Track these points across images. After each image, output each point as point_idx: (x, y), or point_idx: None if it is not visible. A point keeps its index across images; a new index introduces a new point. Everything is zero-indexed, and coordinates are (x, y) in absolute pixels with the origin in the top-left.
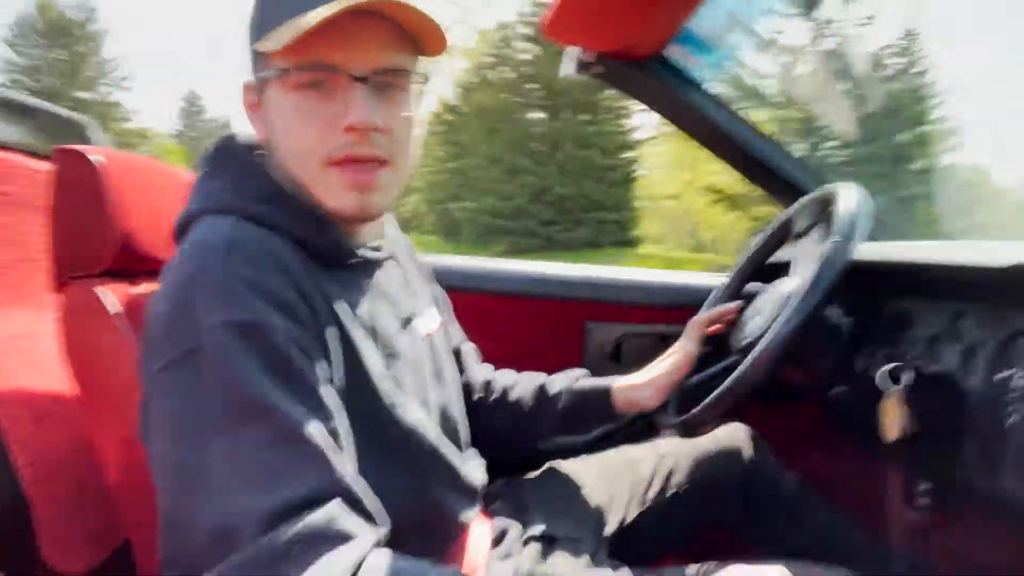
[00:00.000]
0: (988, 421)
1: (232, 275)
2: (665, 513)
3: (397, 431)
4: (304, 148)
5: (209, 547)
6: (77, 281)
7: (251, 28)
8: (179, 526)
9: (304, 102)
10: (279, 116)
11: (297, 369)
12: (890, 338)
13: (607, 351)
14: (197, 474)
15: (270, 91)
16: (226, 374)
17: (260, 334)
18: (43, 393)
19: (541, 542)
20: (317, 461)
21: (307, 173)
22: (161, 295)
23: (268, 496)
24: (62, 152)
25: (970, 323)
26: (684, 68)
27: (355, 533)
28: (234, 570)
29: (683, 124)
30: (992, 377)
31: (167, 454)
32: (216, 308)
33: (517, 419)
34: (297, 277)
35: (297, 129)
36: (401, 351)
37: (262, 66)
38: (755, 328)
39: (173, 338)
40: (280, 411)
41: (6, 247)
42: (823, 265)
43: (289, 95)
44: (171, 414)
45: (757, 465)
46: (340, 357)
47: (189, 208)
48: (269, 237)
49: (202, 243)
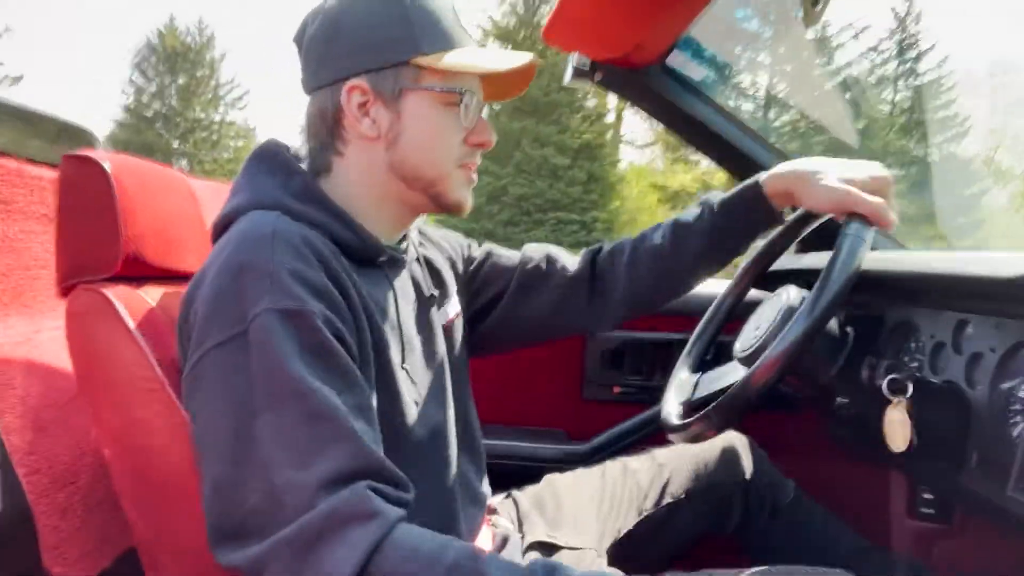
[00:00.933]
0: (992, 431)
1: (278, 264)
2: (664, 522)
3: (417, 432)
4: (446, 152)
5: (254, 516)
6: (85, 286)
7: (393, 40)
8: (226, 494)
9: (449, 115)
10: (425, 123)
11: (334, 353)
12: (893, 348)
13: (608, 358)
14: (243, 447)
15: (413, 100)
16: (270, 356)
17: (302, 320)
18: (44, 401)
19: (542, 549)
20: (347, 438)
21: (444, 171)
22: (211, 279)
23: (304, 472)
24: (70, 158)
25: (974, 333)
26: (684, 74)
27: (380, 510)
28: (271, 549)
29: (683, 131)
30: (997, 387)
31: (217, 428)
32: (263, 295)
33: (657, 265)
34: (334, 270)
35: (446, 136)
36: (419, 348)
37: (410, 78)
38: (758, 336)
39: (223, 320)
40: (316, 392)
41: (6, 254)
42: (830, 274)
43: (437, 107)
44: (220, 391)
45: (755, 473)
46: (369, 347)
47: (238, 201)
48: (310, 232)
49: (251, 234)
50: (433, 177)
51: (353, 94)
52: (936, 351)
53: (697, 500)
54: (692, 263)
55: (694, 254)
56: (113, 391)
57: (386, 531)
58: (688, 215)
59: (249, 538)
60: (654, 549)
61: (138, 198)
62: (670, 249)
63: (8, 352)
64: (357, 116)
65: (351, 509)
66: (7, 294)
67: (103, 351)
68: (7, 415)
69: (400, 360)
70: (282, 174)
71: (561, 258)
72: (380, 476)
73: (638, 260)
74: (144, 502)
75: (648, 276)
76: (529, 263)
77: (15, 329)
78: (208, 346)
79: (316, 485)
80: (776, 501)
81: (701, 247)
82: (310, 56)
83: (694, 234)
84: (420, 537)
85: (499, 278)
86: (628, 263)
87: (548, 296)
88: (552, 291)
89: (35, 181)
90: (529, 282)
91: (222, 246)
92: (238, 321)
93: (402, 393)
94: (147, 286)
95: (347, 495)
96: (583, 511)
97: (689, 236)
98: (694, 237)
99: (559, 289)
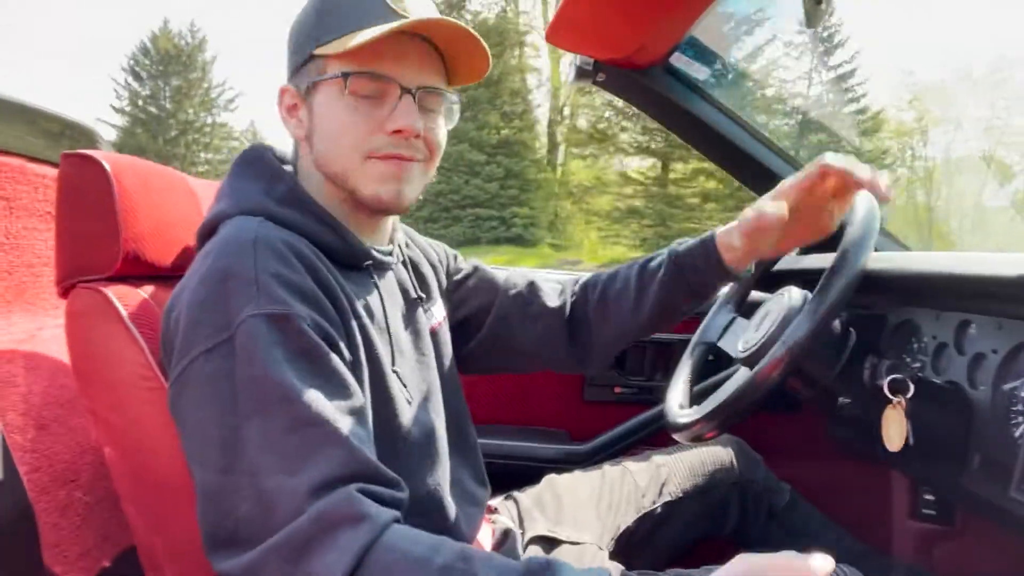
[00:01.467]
0: (995, 432)
1: (262, 270)
2: (663, 521)
3: (410, 434)
4: (351, 144)
5: (247, 524)
6: (84, 285)
7: (304, 36)
8: (217, 502)
9: (358, 105)
10: (329, 115)
11: (321, 356)
12: (895, 348)
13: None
14: (233, 455)
15: (320, 93)
16: (256, 362)
17: (288, 324)
18: (46, 399)
19: (543, 543)
20: (337, 443)
21: (350, 164)
22: (194, 286)
23: (294, 478)
24: (70, 157)
25: (976, 334)
26: (687, 76)
27: (369, 512)
28: (262, 556)
29: (686, 133)
30: (999, 388)
31: (206, 436)
32: (247, 300)
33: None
34: (321, 273)
35: (347, 126)
36: (408, 350)
37: (315, 72)
38: (760, 337)
39: (208, 327)
40: (304, 396)
41: (9, 252)
42: (834, 275)
43: (344, 98)
44: (208, 398)
45: (751, 476)
46: (361, 351)
47: (222, 207)
48: (293, 237)
49: (233, 240)
50: (343, 172)
51: (284, 97)
52: (938, 352)
53: (694, 500)
54: (652, 311)
55: (654, 302)
56: (113, 391)
57: (376, 534)
58: (653, 261)
59: (242, 545)
60: (653, 547)
61: (138, 197)
62: (634, 294)
63: (11, 349)
64: (286, 118)
65: (340, 513)
66: (10, 291)
67: (103, 350)
68: (9, 413)
69: (391, 363)
70: (267, 179)
71: (543, 287)
72: (371, 478)
73: (607, 301)
74: (143, 502)
75: (614, 319)
76: (512, 288)
77: (18, 326)
78: (194, 354)
79: (305, 491)
80: (772, 504)
81: (659, 295)
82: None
83: (654, 280)
84: (412, 539)
85: (482, 295)
86: (598, 305)
87: (530, 326)
88: (533, 321)
89: (38, 179)
90: (509, 312)
91: (205, 253)
92: (223, 328)
93: (394, 396)
94: (147, 285)
95: (335, 499)
96: (583, 508)
97: (650, 282)
98: (654, 284)
99: (539, 321)
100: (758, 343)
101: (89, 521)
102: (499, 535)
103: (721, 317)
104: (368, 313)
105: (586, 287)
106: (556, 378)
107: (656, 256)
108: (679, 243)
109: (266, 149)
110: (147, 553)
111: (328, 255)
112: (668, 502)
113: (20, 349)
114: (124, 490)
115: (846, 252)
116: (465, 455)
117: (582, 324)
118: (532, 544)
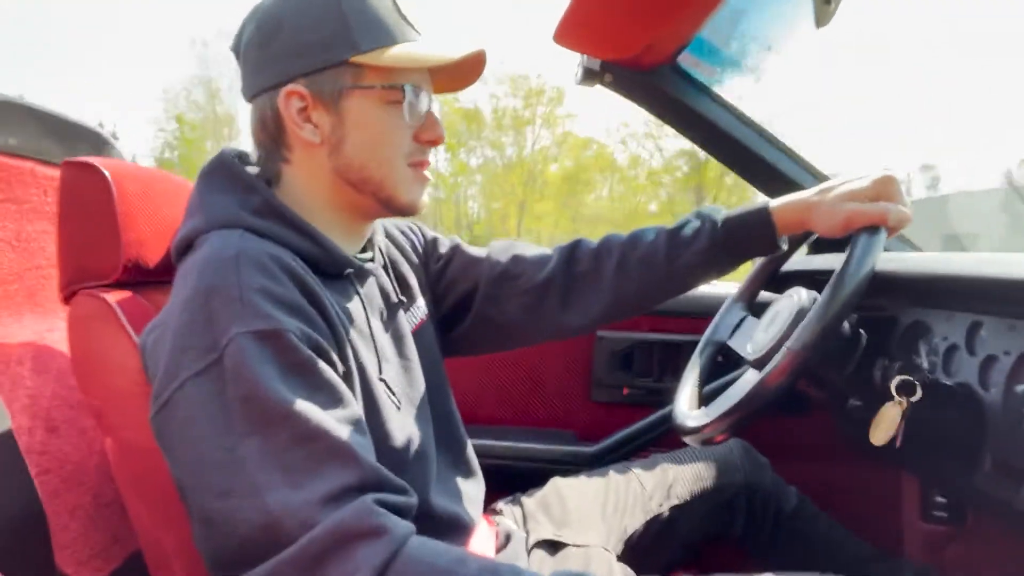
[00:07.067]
0: (1007, 433)
1: (246, 286)
2: (670, 524)
3: (398, 441)
4: (394, 152)
5: (252, 544)
6: (86, 292)
7: (331, 40)
8: (219, 526)
9: (394, 113)
10: (369, 123)
11: (313, 369)
12: (906, 350)
13: (617, 360)
14: (232, 477)
15: (354, 100)
16: (248, 382)
17: (277, 340)
18: (55, 401)
19: (548, 547)
20: (343, 454)
21: (390, 171)
22: (177, 308)
23: (301, 492)
24: (70, 164)
25: (988, 335)
26: (695, 76)
27: (389, 526)
28: (275, 569)
29: (694, 134)
30: (1011, 389)
31: (201, 462)
32: (233, 319)
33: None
34: (306, 285)
35: (392, 135)
36: (392, 357)
37: (349, 78)
38: (769, 339)
39: (195, 350)
40: (302, 410)
41: (21, 255)
42: (843, 275)
43: (388, 107)
44: (201, 423)
45: (758, 479)
46: (351, 361)
47: (196, 223)
48: (276, 248)
49: (214, 257)
50: (381, 179)
51: (291, 100)
52: (950, 353)
53: (701, 504)
54: (683, 276)
55: (688, 267)
56: (116, 396)
57: (396, 548)
58: (686, 228)
59: (249, 565)
60: (660, 551)
61: (138, 204)
62: (664, 260)
63: (20, 351)
64: (297, 122)
65: (358, 525)
66: (20, 293)
67: (105, 356)
68: (19, 415)
69: (377, 371)
70: (239, 190)
71: (527, 258)
72: (382, 486)
73: (628, 266)
74: (149, 506)
75: (636, 283)
76: (496, 267)
77: (28, 328)
78: (183, 378)
79: (318, 502)
80: (779, 507)
81: (696, 261)
82: (247, 62)
83: (691, 248)
84: (434, 552)
85: (466, 279)
86: (617, 267)
87: (519, 301)
88: (522, 296)
89: (49, 182)
90: (496, 291)
91: (186, 273)
92: (211, 349)
93: (382, 404)
94: (148, 291)
95: (352, 510)
96: (588, 511)
97: (685, 249)
98: (690, 251)
99: (529, 294)
100: (768, 345)
101: (99, 522)
102: (503, 538)
103: (732, 315)
104: (352, 322)
105: (598, 252)
106: (562, 378)
107: (686, 223)
108: (713, 210)
109: (233, 157)
110: (154, 550)
111: (309, 265)
112: (675, 505)
113: (30, 351)
114: (129, 495)
115: (856, 253)
116: (456, 454)
117: (586, 281)
118: (537, 548)
